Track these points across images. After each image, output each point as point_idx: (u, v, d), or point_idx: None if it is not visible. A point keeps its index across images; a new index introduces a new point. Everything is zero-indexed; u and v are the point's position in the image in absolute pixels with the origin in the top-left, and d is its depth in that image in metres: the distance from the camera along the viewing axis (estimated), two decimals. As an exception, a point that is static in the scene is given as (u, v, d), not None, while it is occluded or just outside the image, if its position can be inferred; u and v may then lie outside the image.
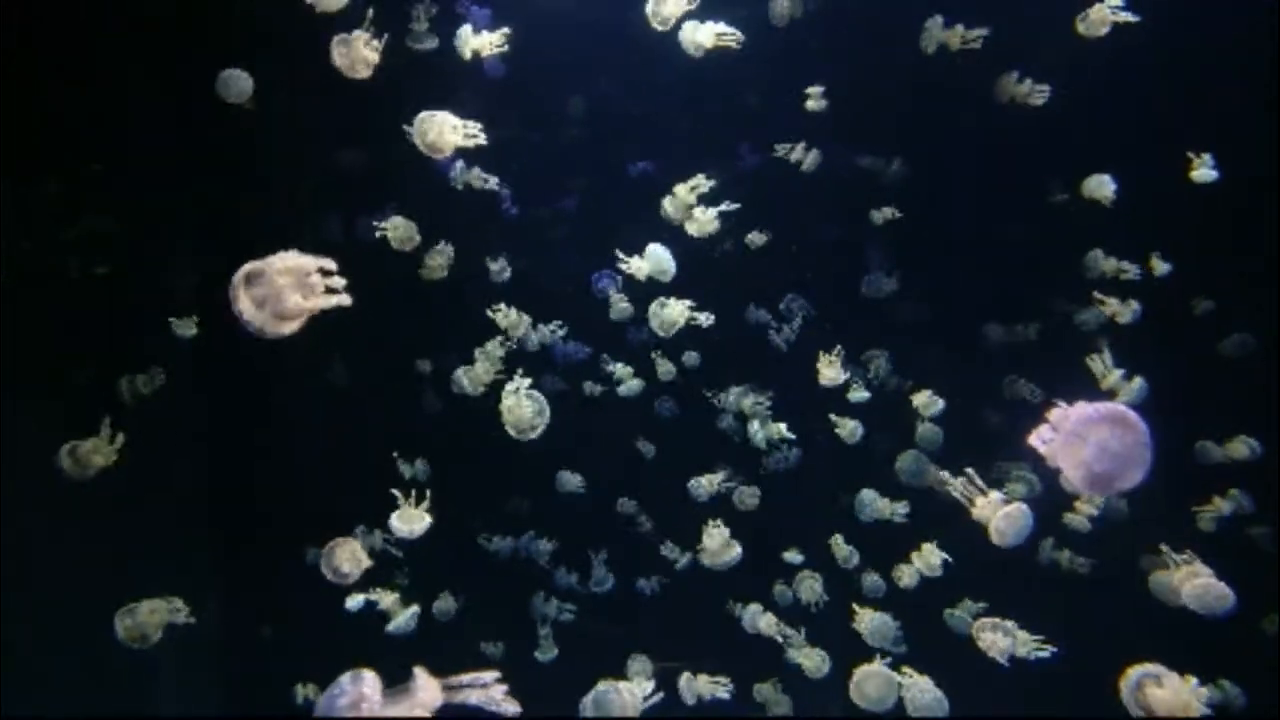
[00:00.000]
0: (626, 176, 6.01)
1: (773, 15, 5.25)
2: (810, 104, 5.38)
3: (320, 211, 5.82)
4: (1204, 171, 4.93)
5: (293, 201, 5.66)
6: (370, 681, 2.58)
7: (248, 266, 3.05)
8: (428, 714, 2.57)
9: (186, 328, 5.10)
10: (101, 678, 4.92)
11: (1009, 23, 5.11)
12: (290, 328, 3.09)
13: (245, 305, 3.03)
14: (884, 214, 5.77)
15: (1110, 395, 4.65)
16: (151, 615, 4.46)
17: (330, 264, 3.02)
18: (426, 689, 2.63)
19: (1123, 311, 5.33)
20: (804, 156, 5.57)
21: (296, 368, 5.94)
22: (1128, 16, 4.61)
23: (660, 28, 4.57)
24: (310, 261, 3.04)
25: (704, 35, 4.65)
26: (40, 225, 5.02)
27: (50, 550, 5.00)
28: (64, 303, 5.13)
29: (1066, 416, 3.20)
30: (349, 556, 4.78)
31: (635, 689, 3.99)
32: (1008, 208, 5.87)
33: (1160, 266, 5.27)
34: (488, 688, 2.67)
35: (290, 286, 3.02)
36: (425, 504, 4.75)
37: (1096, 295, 5.38)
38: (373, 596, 5.38)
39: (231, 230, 5.54)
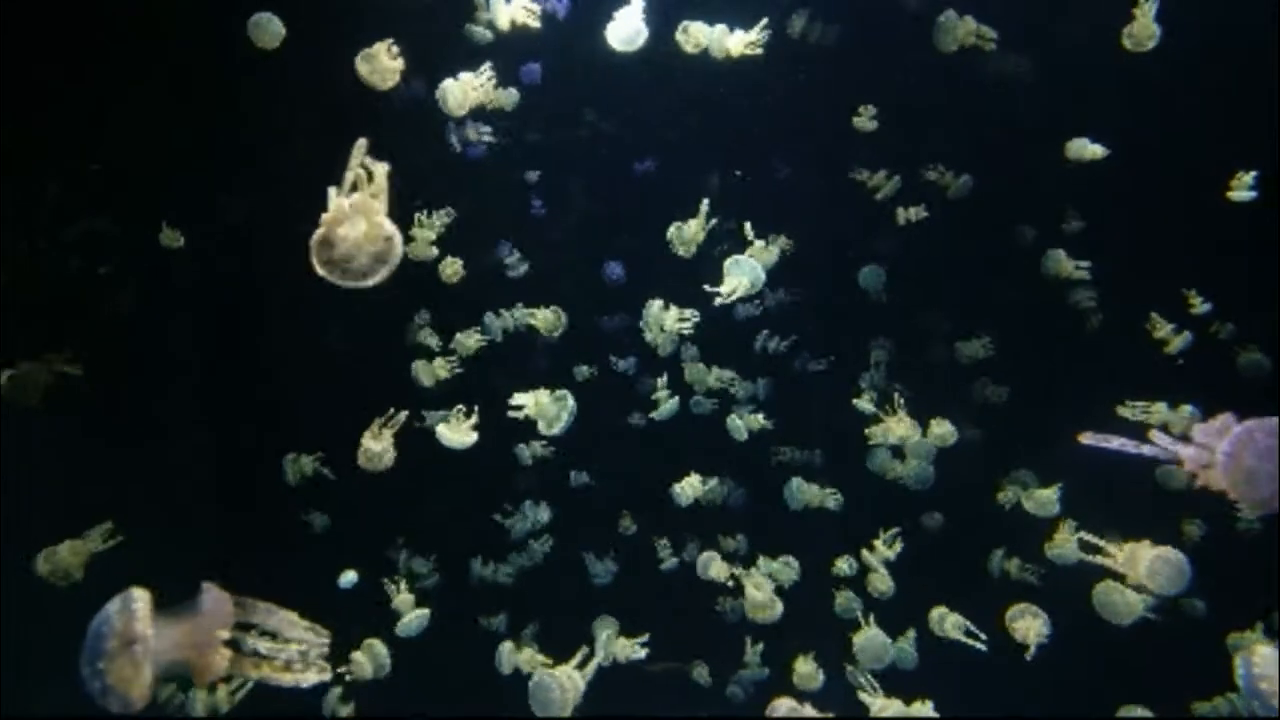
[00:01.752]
0: (646, 182, 5.91)
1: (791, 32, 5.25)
2: (859, 121, 5.33)
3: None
4: (1242, 192, 4.81)
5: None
6: (141, 612, 2.21)
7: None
8: (212, 640, 2.26)
9: (174, 239, 5.04)
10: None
11: (1052, 40, 4.94)
12: (386, 234, 3.06)
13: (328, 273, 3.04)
14: (909, 214, 5.61)
15: (1165, 429, 4.61)
16: (74, 556, 4.37)
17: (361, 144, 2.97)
18: (215, 609, 2.29)
19: (1174, 341, 5.20)
20: (883, 184, 5.49)
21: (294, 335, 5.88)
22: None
23: (692, 50, 4.64)
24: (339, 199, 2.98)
25: (733, 43, 4.68)
26: (40, 225, 4.89)
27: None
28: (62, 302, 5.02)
29: (1224, 425, 3.12)
30: (372, 436, 4.74)
31: (578, 678, 3.89)
32: (1023, 218, 5.75)
33: (1200, 306, 5.15)
34: (293, 626, 2.39)
35: (352, 213, 3.00)
36: (473, 421, 4.81)
37: (1154, 319, 5.24)
38: (389, 590, 5.42)
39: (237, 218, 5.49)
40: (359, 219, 2.99)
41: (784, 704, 3.88)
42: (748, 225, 4.94)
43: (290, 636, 2.43)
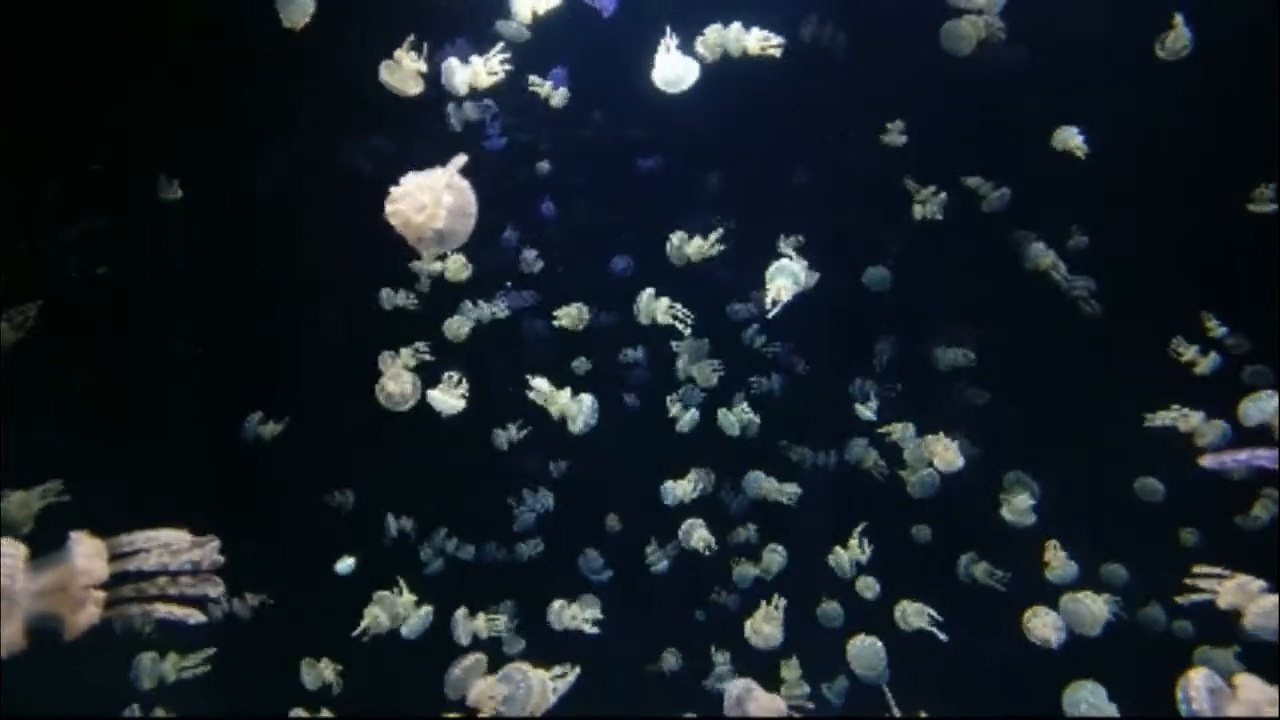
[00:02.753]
0: (654, 181, 5.86)
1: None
2: (887, 138, 5.33)
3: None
4: (1263, 204, 4.79)
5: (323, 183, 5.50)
6: (9, 568, 2.06)
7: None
8: (82, 594, 2.09)
9: (172, 191, 5.00)
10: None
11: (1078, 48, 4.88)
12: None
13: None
14: (926, 211, 5.55)
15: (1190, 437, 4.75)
16: (22, 510, 4.26)
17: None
18: (85, 563, 2.11)
19: (1201, 362, 5.11)
20: (929, 198, 5.46)
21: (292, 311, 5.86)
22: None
23: (710, 57, 4.57)
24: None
25: (750, 41, 4.60)
26: (40, 225, 4.81)
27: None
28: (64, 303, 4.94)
29: None
30: (393, 376, 4.76)
31: (549, 687, 3.75)
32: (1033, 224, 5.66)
33: (1217, 329, 5.09)
34: (180, 552, 2.17)
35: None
36: (462, 390, 4.85)
37: (1176, 345, 5.16)
38: (397, 596, 5.38)
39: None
40: (425, 193, 3.14)
41: (738, 685, 3.89)
42: (783, 242, 4.91)
43: (180, 555, 2.22)
